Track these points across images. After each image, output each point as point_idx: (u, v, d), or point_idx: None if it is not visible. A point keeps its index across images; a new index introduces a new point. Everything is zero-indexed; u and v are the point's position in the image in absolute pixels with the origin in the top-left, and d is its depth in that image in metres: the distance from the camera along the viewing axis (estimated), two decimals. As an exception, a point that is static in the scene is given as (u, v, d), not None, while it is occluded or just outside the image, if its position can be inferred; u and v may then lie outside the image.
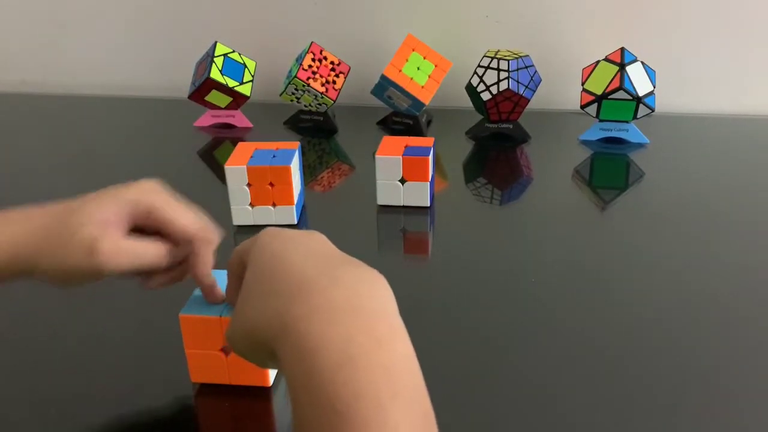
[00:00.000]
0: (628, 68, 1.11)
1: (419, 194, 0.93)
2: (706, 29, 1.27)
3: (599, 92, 1.12)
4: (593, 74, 1.14)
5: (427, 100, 1.16)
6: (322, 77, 1.21)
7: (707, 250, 0.85)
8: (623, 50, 1.13)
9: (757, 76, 1.29)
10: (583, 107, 1.15)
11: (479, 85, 1.15)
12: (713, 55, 1.28)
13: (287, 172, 0.86)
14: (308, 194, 0.98)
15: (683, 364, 0.65)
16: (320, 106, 1.24)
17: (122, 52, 1.45)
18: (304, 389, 0.35)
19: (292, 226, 0.88)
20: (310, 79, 1.20)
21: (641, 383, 0.62)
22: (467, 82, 1.18)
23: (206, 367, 0.59)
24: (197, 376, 0.60)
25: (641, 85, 1.11)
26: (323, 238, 0.47)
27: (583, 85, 1.15)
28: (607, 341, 0.69)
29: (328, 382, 0.34)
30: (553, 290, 0.77)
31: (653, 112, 1.13)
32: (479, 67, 1.16)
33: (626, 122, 1.15)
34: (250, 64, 1.23)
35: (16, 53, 1.49)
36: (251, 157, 0.87)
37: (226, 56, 1.20)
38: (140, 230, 0.55)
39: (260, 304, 0.42)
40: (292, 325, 0.38)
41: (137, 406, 0.60)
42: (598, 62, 1.14)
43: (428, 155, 0.90)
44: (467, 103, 1.21)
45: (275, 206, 0.88)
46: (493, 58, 1.15)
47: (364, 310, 0.38)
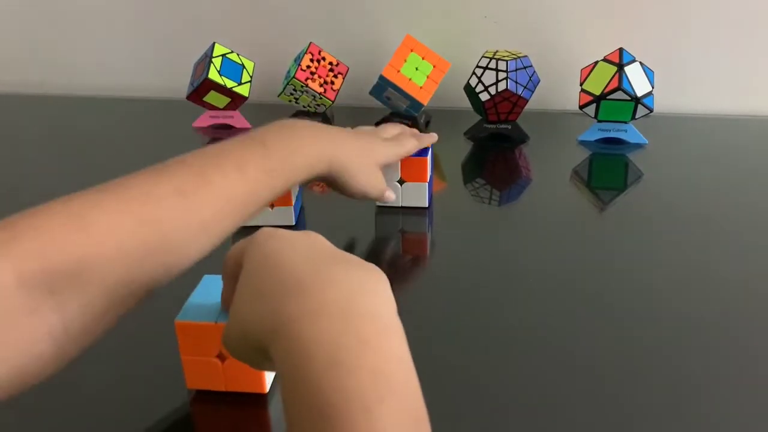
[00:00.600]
0: (626, 69, 1.11)
1: (417, 195, 0.93)
2: (704, 29, 1.26)
3: (598, 93, 1.12)
4: (592, 75, 1.14)
5: (425, 100, 1.16)
6: (320, 78, 1.21)
7: (706, 250, 0.85)
8: (622, 51, 1.12)
9: (756, 76, 1.29)
10: (581, 108, 1.15)
11: (478, 85, 1.14)
12: (712, 55, 1.28)
13: None
14: (306, 195, 0.98)
15: (683, 364, 0.65)
16: (319, 106, 1.24)
17: (121, 52, 1.45)
18: (294, 391, 0.35)
19: (290, 227, 0.88)
20: (308, 79, 1.20)
21: (641, 383, 0.62)
22: (466, 82, 1.18)
23: (202, 373, 0.59)
24: (193, 382, 0.60)
25: (640, 85, 1.11)
26: (321, 238, 0.47)
27: (581, 85, 1.15)
28: (606, 341, 0.69)
29: (316, 385, 0.34)
30: (551, 291, 0.77)
31: (652, 112, 1.13)
32: (478, 67, 1.16)
33: (625, 123, 1.15)
34: (248, 64, 1.23)
35: (15, 54, 1.49)
36: None
37: (224, 57, 1.20)
38: None
39: (254, 303, 0.41)
40: (283, 326, 0.38)
41: (132, 413, 0.60)
42: (596, 63, 1.14)
43: (426, 155, 0.90)
44: (466, 103, 1.20)
45: (273, 207, 0.88)
46: (491, 58, 1.15)
47: (355, 311, 0.38)
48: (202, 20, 1.39)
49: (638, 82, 1.11)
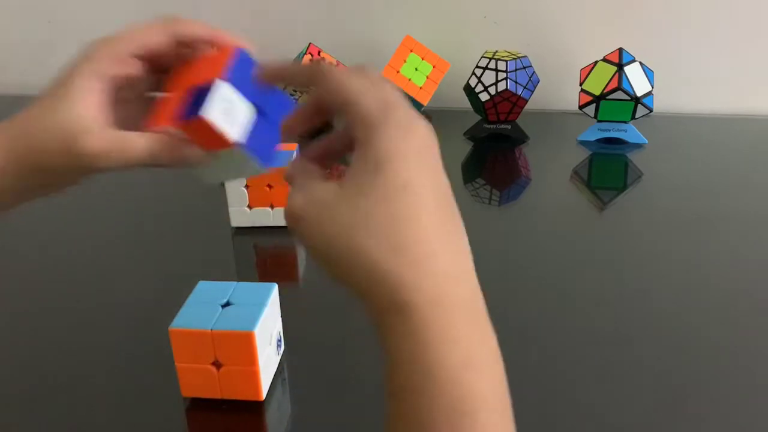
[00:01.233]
0: (626, 68, 1.10)
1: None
2: (704, 29, 1.26)
3: (597, 93, 1.12)
4: (591, 74, 1.13)
5: (425, 101, 1.16)
6: (319, 78, 1.20)
7: (706, 249, 0.85)
8: (621, 51, 1.12)
9: (755, 76, 1.28)
10: (581, 108, 1.15)
11: (477, 85, 1.14)
12: (711, 55, 1.27)
13: None
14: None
15: (682, 363, 0.65)
16: (318, 107, 1.24)
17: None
18: (423, 376, 0.35)
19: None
20: (307, 80, 1.19)
21: (642, 383, 0.63)
22: (465, 82, 1.17)
23: (197, 381, 0.59)
24: (188, 390, 0.60)
25: (639, 85, 1.10)
26: (445, 181, 0.41)
27: (581, 85, 1.15)
28: (606, 341, 0.69)
29: (453, 380, 0.34)
30: (551, 290, 0.77)
31: (651, 112, 1.12)
32: (477, 67, 1.15)
33: (624, 122, 1.14)
34: (247, 65, 1.22)
35: (15, 55, 1.49)
36: None
37: (223, 58, 1.20)
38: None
39: (381, 248, 0.36)
40: (415, 305, 0.35)
41: (128, 421, 0.60)
42: (596, 62, 1.14)
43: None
44: (465, 103, 1.20)
45: (273, 208, 0.88)
46: (491, 58, 1.14)
47: (479, 309, 0.39)
48: (201, 21, 1.39)
49: (638, 82, 1.10)
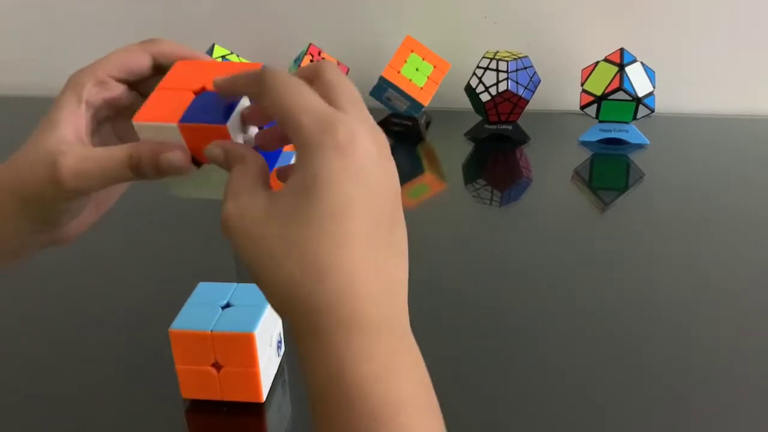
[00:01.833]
0: (627, 69, 1.10)
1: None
2: (705, 29, 1.26)
3: (599, 93, 1.11)
4: (593, 75, 1.13)
5: (425, 101, 1.15)
6: (320, 79, 1.20)
7: (708, 250, 0.85)
8: (623, 51, 1.12)
9: (757, 76, 1.28)
10: (582, 108, 1.15)
11: (478, 86, 1.14)
12: (713, 55, 1.27)
13: None
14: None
15: (684, 364, 0.65)
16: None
17: (121, 53, 1.45)
18: (338, 392, 0.35)
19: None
20: (308, 80, 1.19)
21: (642, 384, 0.62)
22: (466, 83, 1.17)
23: (197, 382, 0.58)
24: (188, 392, 0.59)
25: (641, 85, 1.10)
26: (388, 179, 0.39)
27: (582, 85, 1.14)
28: (608, 342, 0.69)
29: (368, 391, 0.34)
30: (552, 291, 0.77)
31: (653, 112, 1.12)
32: (478, 68, 1.15)
33: (626, 123, 1.14)
34: (248, 66, 1.22)
35: (15, 56, 1.48)
36: None
37: (224, 58, 1.20)
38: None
39: (302, 270, 0.36)
40: (329, 329, 0.35)
41: (127, 423, 0.60)
42: (597, 63, 1.14)
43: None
44: (466, 104, 1.20)
45: None
46: (492, 59, 1.14)
47: (404, 330, 0.38)
48: (201, 21, 1.39)
49: (639, 82, 1.10)
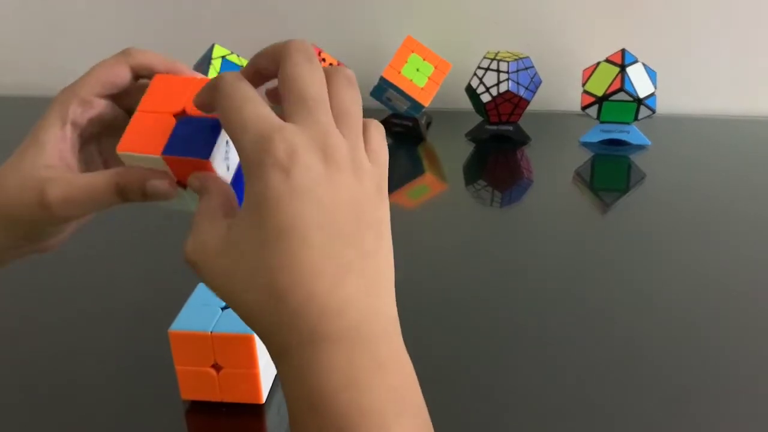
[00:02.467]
0: (628, 69, 1.10)
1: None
2: (707, 30, 1.25)
3: (600, 94, 1.11)
4: (594, 75, 1.13)
5: (426, 101, 1.15)
6: (320, 79, 1.20)
7: (709, 251, 0.85)
8: (624, 51, 1.12)
9: (759, 77, 1.28)
10: (583, 109, 1.14)
11: (479, 86, 1.14)
12: (715, 56, 1.27)
13: None
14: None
15: (686, 365, 0.65)
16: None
17: (120, 53, 1.45)
18: (307, 405, 0.35)
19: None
20: (308, 81, 1.19)
21: (645, 385, 0.62)
22: (467, 83, 1.17)
23: (197, 384, 0.58)
24: (188, 393, 0.59)
25: (642, 86, 1.10)
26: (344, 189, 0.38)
27: (583, 86, 1.14)
28: (609, 342, 0.68)
29: (332, 402, 0.34)
30: (554, 293, 0.77)
31: (654, 113, 1.12)
32: (479, 68, 1.15)
33: (627, 124, 1.14)
34: (248, 66, 1.22)
35: (15, 55, 1.48)
36: None
37: (224, 58, 1.19)
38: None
39: (258, 294, 0.36)
40: (294, 348, 0.36)
41: (127, 424, 0.60)
42: (598, 63, 1.13)
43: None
44: (467, 104, 1.20)
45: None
46: (492, 59, 1.14)
47: (372, 334, 0.37)
48: (201, 21, 1.38)
49: (641, 82, 1.10)
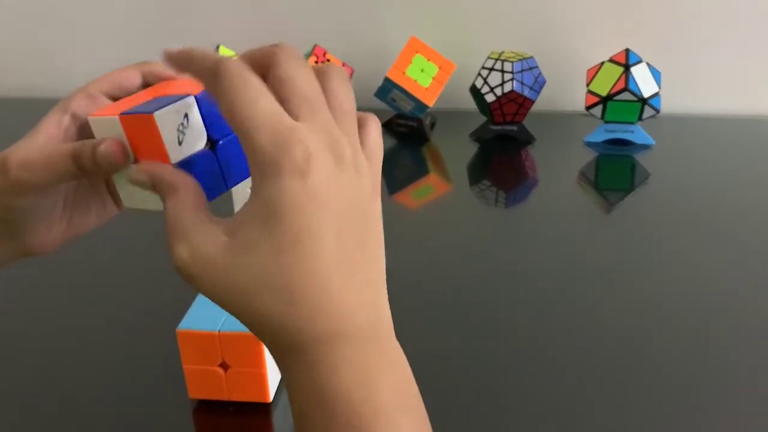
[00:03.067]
0: (633, 69, 1.10)
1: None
2: (711, 30, 1.25)
3: (604, 93, 1.11)
4: (598, 75, 1.13)
5: (430, 102, 1.15)
6: (325, 80, 1.20)
7: (714, 251, 0.84)
8: (628, 51, 1.12)
9: (763, 76, 1.28)
10: (588, 109, 1.14)
11: (483, 86, 1.14)
12: (719, 55, 1.27)
13: None
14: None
15: (691, 364, 0.65)
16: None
17: (124, 55, 1.45)
18: (317, 402, 0.36)
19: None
20: (313, 81, 1.19)
21: (647, 383, 0.62)
22: (471, 83, 1.17)
23: (204, 383, 0.58)
24: (195, 392, 0.59)
25: (646, 86, 1.10)
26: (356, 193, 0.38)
27: (587, 86, 1.14)
28: (615, 343, 0.68)
29: (345, 400, 0.36)
30: (558, 293, 0.77)
31: (659, 113, 1.12)
32: (483, 68, 1.15)
33: (631, 123, 1.14)
34: (252, 67, 1.22)
35: (19, 58, 1.49)
36: None
37: (228, 59, 1.19)
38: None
39: (273, 300, 0.36)
40: (308, 345, 0.36)
41: (134, 423, 0.60)
42: (602, 63, 1.13)
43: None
44: (471, 104, 1.20)
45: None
46: (497, 59, 1.14)
47: (381, 333, 0.39)
48: (207, 22, 1.39)
49: (645, 82, 1.10)
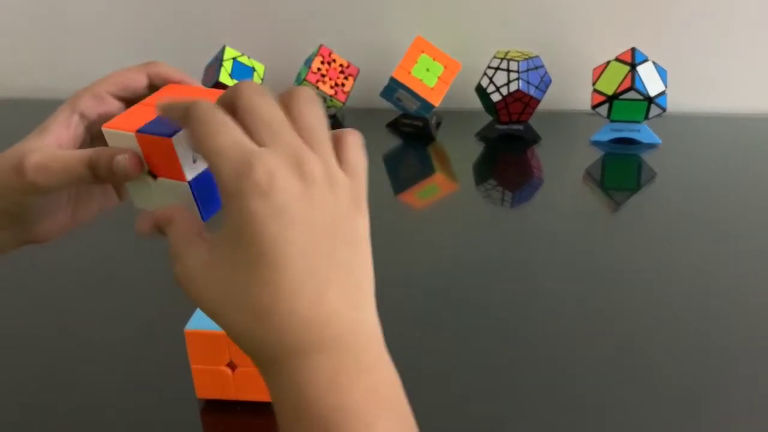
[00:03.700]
0: (639, 68, 1.10)
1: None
2: (718, 28, 1.25)
3: (610, 92, 1.11)
4: (604, 74, 1.13)
5: (436, 101, 1.15)
6: (331, 80, 1.20)
7: (720, 249, 0.85)
8: (634, 50, 1.12)
9: (770, 74, 1.28)
10: (594, 108, 1.14)
11: (489, 86, 1.14)
12: (725, 54, 1.26)
13: None
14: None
15: (697, 365, 0.65)
16: (329, 109, 1.24)
17: (131, 56, 1.45)
18: (294, 413, 0.37)
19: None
20: (319, 81, 1.19)
21: (656, 384, 0.62)
22: (477, 83, 1.17)
23: (212, 382, 0.59)
24: (203, 392, 0.60)
25: (652, 85, 1.10)
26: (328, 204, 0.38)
27: (593, 85, 1.14)
28: (619, 342, 0.68)
29: (317, 405, 0.36)
30: (564, 292, 0.77)
31: (665, 112, 1.12)
32: (489, 68, 1.15)
33: (638, 122, 1.14)
34: (259, 67, 1.23)
35: (25, 59, 1.49)
36: None
37: (235, 60, 1.20)
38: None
39: (243, 314, 0.37)
40: (284, 360, 0.37)
41: (142, 422, 0.60)
42: (608, 62, 1.13)
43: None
44: (477, 104, 1.20)
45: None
46: (503, 59, 1.14)
47: (354, 343, 0.39)
48: (212, 23, 1.39)
49: (651, 81, 1.10)
